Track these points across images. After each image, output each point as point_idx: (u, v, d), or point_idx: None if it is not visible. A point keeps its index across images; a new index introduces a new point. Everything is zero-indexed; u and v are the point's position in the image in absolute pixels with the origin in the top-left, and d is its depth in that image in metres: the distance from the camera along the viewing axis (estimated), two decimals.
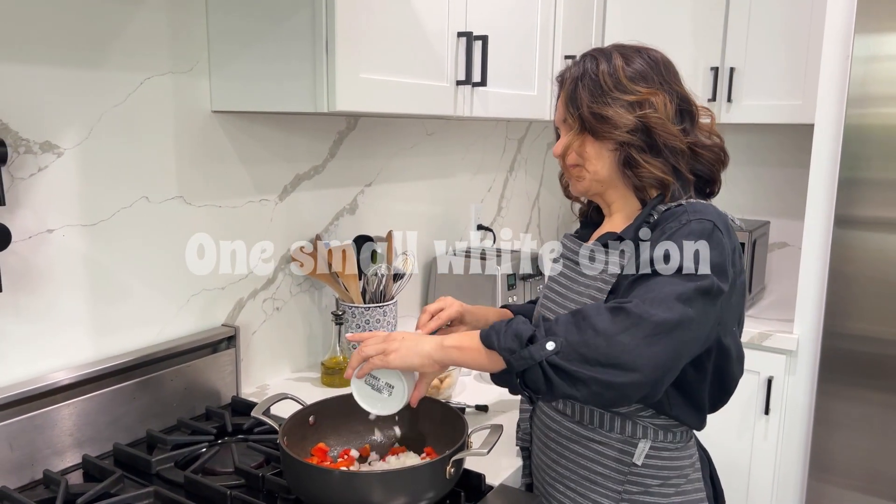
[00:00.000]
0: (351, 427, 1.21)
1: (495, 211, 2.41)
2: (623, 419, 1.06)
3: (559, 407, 1.13)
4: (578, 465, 1.10)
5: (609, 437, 1.07)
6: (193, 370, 1.39)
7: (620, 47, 1.09)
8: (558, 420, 1.13)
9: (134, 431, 1.29)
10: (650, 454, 1.06)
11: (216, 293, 1.47)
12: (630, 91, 1.03)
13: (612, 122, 1.02)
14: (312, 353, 1.72)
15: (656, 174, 1.03)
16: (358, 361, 1.05)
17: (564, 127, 1.11)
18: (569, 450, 1.11)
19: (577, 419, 1.10)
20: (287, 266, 1.62)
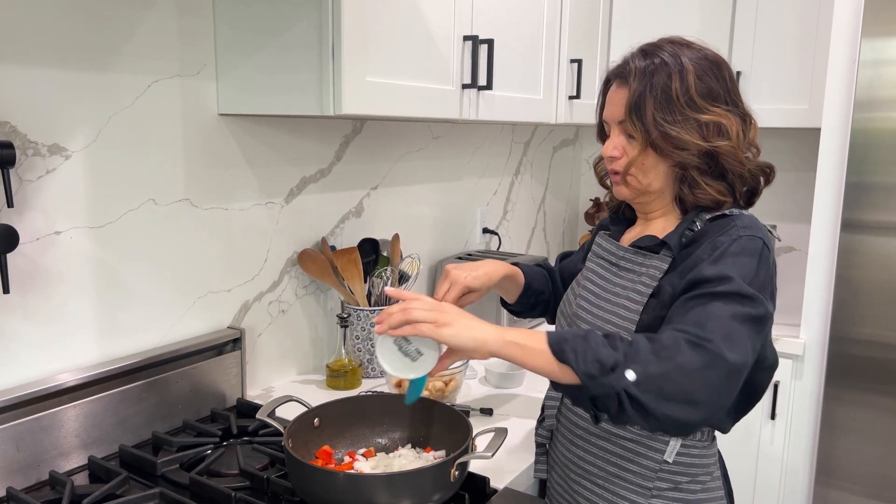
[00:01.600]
0: (356, 430, 1.21)
1: (501, 214, 2.41)
2: None
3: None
4: (608, 461, 1.09)
5: (640, 436, 1.07)
6: (199, 372, 1.40)
7: (686, 51, 1.03)
8: (587, 417, 1.12)
9: (140, 433, 1.29)
10: (680, 451, 1.06)
11: (222, 295, 1.47)
12: (702, 110, 1.00)
13: (680, 145, 1.00)
14: (318, 356, 1.73)
15: (714, 196, 1.03)
16: (400, 321, 0.97)
17: (619, 128, 1.06)
18: (597, 447, 1.11)
19: (606, 418, 1.10)
20: (293, 269, 1.62)
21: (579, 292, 1.15)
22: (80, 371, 1.21)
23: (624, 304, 1.05)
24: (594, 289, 1.12)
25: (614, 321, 1.05)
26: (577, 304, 1.14)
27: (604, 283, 1.11)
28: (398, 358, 1.02)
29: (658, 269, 1.04)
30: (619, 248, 1.11)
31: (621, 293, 1.07)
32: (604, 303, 1.09)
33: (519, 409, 1.49)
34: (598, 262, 1.14)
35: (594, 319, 1.09)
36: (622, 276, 1.09)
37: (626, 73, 1.04)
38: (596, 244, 1.17)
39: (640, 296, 1.04)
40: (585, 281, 1.15)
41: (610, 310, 1.07)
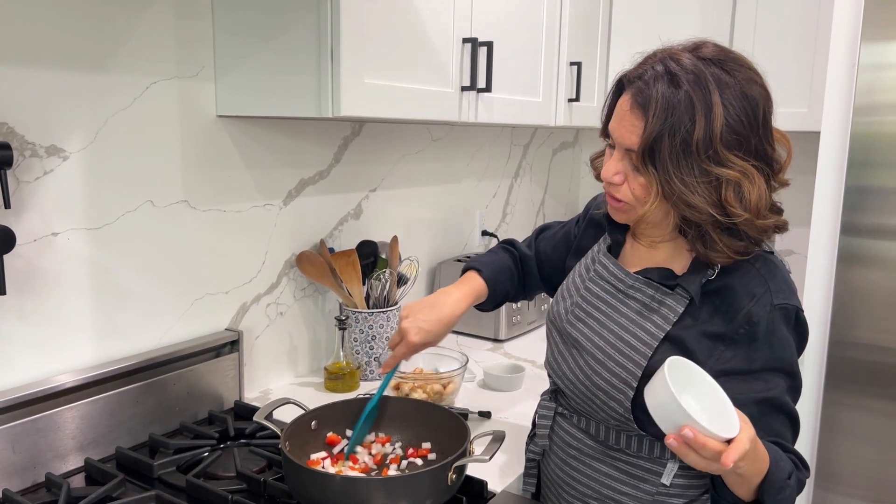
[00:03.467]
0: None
1: (500, 217, 2.41)
2: (651, 441, 1.03)
3: (581, 424, 1.10)
4: (602, 483, 1.06)
5: (638, 457, 1.04)
6: (196, 374, 1.39)
7: (723, 80, 0.89)
8: (580, 438, 1.10)
9: (136, 435, 1.29)
10: (679, 473, 1.02)
11: (220, 297, 1.47)
12: (724, 163, 0.89)
13: (693, 206, 0.90)
14: (316, 358, 1.72)
15: (730, 256, 0.94)
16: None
17: (624, 152, 0.96)
18: (591, 468, 1.08)
19: (602, 439, 1.07)
20: (291, 271, 1.62)
21: (577, 313, 1.09)
22: (76, 373, 1.20)
23: (631, 343, 1.00)
24: (598, 315, 1.06)
25: (619, 359, 1.01)
26: (576, 325, 1.08)
27: (609, 312, 1.05)
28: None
29: (673, 311, 0.98)
30: (627, 275, 1.04)
31: (628, 326, 1.02)
32: (608, 333, 1.03)
33: (518, 413, 1.49)
34: (603, 285, 1.07)
35: (596, 350, 1.04)
36: (630, 305, 1.03)
37: (646, 99, 0.90)
38: (601, 265, 1.10)
39: (650, 337, 0.99)
40: (587, 304, 1.08)
41: (615, 344, 1.02)
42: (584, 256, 1.18)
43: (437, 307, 1.19)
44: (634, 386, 0.99)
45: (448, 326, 1.19)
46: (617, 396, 1.01)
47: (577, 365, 1.07)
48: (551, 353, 1.16)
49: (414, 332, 1.16)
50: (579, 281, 1.14)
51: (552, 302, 1.20)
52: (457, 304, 1.21)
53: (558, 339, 1.14)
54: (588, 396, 1.05)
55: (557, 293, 1.20)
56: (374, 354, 1.64)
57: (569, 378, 1.09)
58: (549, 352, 1.18)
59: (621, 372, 1.00)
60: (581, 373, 1.06)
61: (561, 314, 1.14)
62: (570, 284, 1.16)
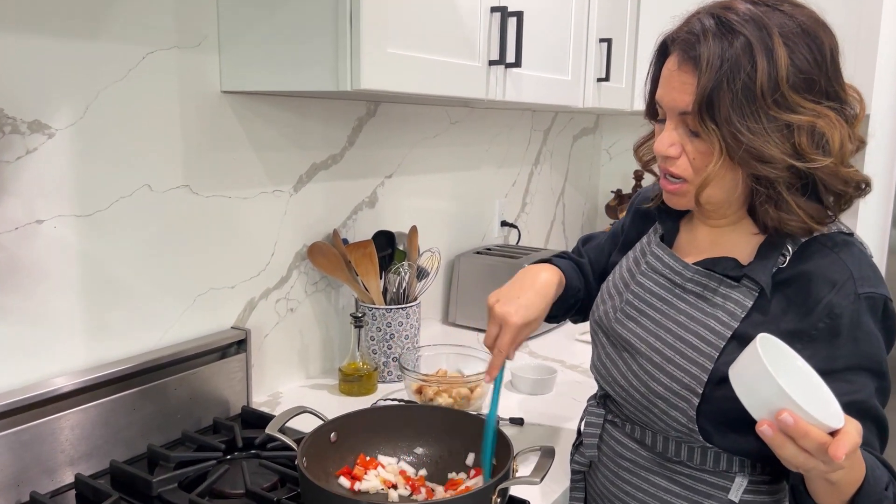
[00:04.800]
0: (377, 444, 1.07)
1: (519, 207, 2.27)
2: (717, 453, 0.90)
3: (634, 434, 0.98)
4: (659, 499, 0.95)
5: (703, 471, 0.92)
6: (200, 377, 1.26)
7: (774, 17, 0.80)
8: (633, 448, 0.98)
9: (134, 446, 1.16)
10: (748, 489, 0.90)
11: (225, 293, 1.33)
12: (795, 108, 0.78)
13: (764, 157, 0.79)
14: (328, 358, 1.59)
15: (806, 223, 0.82)
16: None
17: (678, 120, 0.85)
18: (648, 482, 0.96)
19: (660, 451, 0.95)
20: (302, 263, 1.48)
21: (628, 311, 0.97)
22: (65, 378, 1.07)
23: (694, 344, 0.88)
24: (652, 314, 0.94)
25: (680, 362, 0.89)
26: (627, 325, 0.96)
27: (666, 309, 0.93)
28: None
29: (741, 305, 0.87)
30: (686, 267, 0.92)
31: (689, 325, 0.89)
32: (666, 334, 0.91)
33: (552, 418, 1.35)
34: (657, 279, 0.95)
35: (652, 353, 0.92)
36: (689, 301, 0.91)
37: (696, 56, 0.81)
38: (654, 256, 0.97)
39: (715, 336, 0.87)
40: (639, 301, 0.96)
41: (674, 345, 0.90)
42: (632, 250, 1.05)
43: (529, 283, 1.05)
44: (700, 392, 0.87)
45: (546, 301, 1.05)
46: (679, 405, 0.88)
47: (631, 370, 0.95)
48: (598, 356, 1.03)
49: (513, 313, 1.01)
50: (628, 276, 1.01)
51: (595, 303, 1.07)
52: (548, 280, 1.07)
53: (605, 342, 1.01)
54: (644, 405, 0.93)
55: (600, 293, 1.07)
56: (393, 354, 1.50)
57: (620, 385, 0.97)
58: (595, 355, 1.05)
59: (683, 377, 0.88)
60: (636, 379, 0.94)
61: (608, 314, 1.01)
62: (617, 281, 1.03)
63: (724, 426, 0.88)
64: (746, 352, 0.76)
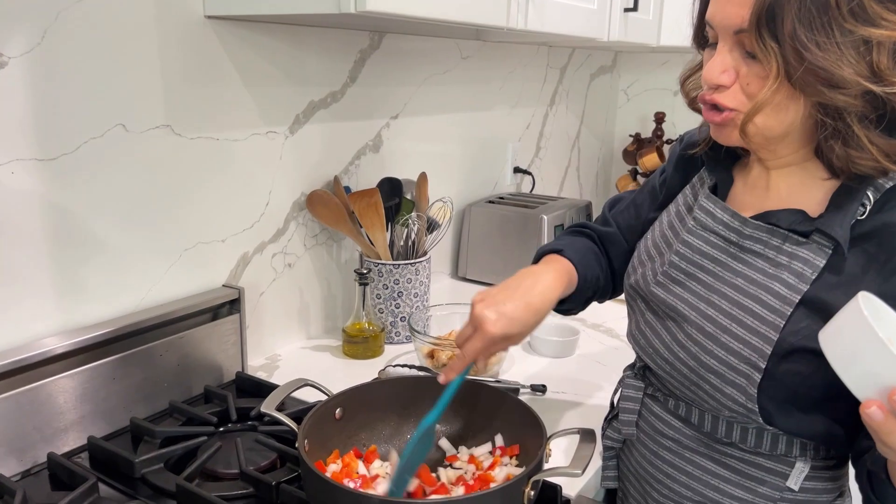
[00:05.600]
0: (388, 421, 0.95)
1: (533, 152, 2.11)
2: (775, 435, 0.79)
3: (679, 411, 0.86)
4: (705, 483, 0.84)
5: (757, 454, 0.81)
6: (188, 341, 1.13)
7: None
8: (677, 426, 0.86)
9: (115, 420, 1.04)
10: (810, 475, 0.80)
11: (215, 247, 1.20)
12: (874, 21, 0.65)
13: (835, 81, 0.66)
14: (331, 318, 1.46)
15: (879, 161, 0.70)
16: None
17: (733, 41, 0.71)
18: (692, 464, 0.85)
19: (708, 430, 0.83)
20: (301, 214, 1.34)
21: (672, 274, 0.83)
22: (35, 345, 0.94)
23: (755, 311, 0.75)
24: (704, 277, 0.81)
25: (739, 332, 0.76)
26: (672, 290, 0.83)
27: (719, 271, 0.80)
28: None
29: (810, 265, 0.74)
30: (744, 222, 0.79)
31: (749, 290, 0.76)
32: (720, 299, 0.78)
33: (577, 385, 1.23)
34: (708, 237, 0.82)
35: (704, 322, 0.79)
36: (748, 261, 0.78)
37: None
38: (704, 211, 0.83)
39: (781, 302, 0.74)
40: (686, 263, 0.82)
41: (731, 312, 0.77)
42: (673, 203, 0.91)
43: (524, 290, 0.88)
44: (762, 367, 0.74)
45: (539, 316, 0.88)
46: (737, 381, 0.76)
47: (677, 340, 0.82)
48: (636, 324, 0.90)
49: (493, 321, 0.84)
50: (670, 234, 0.87)
51: (629, 267, 0.94)
52: (549, 288, 0.90)
53: (644, 309, 0.88)
54: (692, 381, 0.81)
55: (636, 256, 0.93)
56: (401, 314, 1.37)
57: (663, 357, 0.84)
58: (633, 323, 0.92)
59: (742, 349, 0.76)
60: (682, 350, 0.81)
61: (646, 278, 0.87)
62: (658, 240, 0.89)
63: (788, 405, 0.76)
64: (845, 314, 0.64)
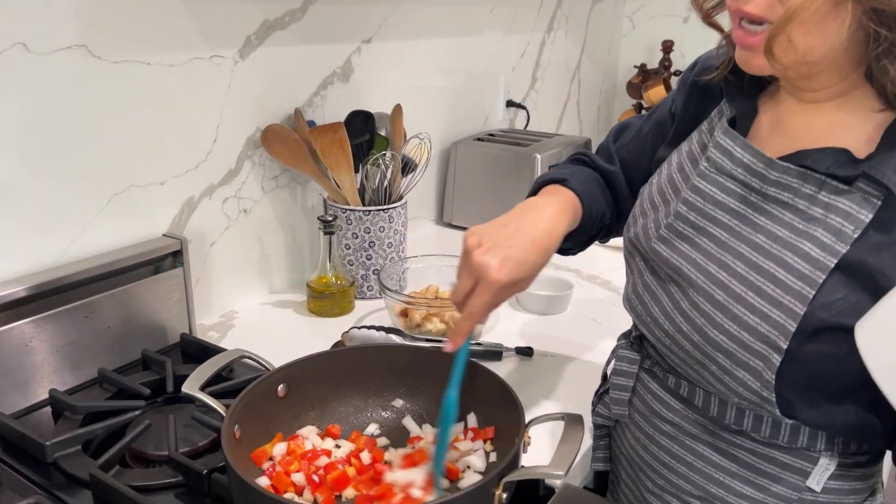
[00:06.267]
0: (345, 398, 0.81)
1: (529, 83, 1.92)
2: (795, 426, 0.65)
3: (680, 390, 0.72)
4: (709, 477, 0.71)
5: (768, 446, 0.67)
6: (122, 299, 0.98)
7: None
8: (677, 408, 0.73)
9: (31, 393, 0.90)
10: (836, 473, 0.66)
11: (152, 191, 1.03)
12: None
13: None
14: (297, 269, 1.31)
15: None
16: None
17: None
18: (694, 453, 0.72)
19: (714, 414, 0.69)
20: (256, 152, 1.17)
21: (678, 227, 0.68)
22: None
23: (778, 276, 0.60)
24: (715, 231, 0.65)
25: (757, 303, 0.61)
26: (677, 247, 0.68)
27: (735, 224, 0.64)
28: None
29: (853, 219, 0.58)
30: (769, 164, 0.62)
31: (772, 249, 0.61)
32: (735, 260, 0.63)
33: (568, 346, 1.09)
34: (723, 181, 0.66)
35: (713, 288, 0.63)
36: (773, 213, 0.62)
37: None
38: (721, 150, 0.66)
39: (812, 266, 0.59)
40: (695, 214, 0.67)
41: (746, 277, 0.62)
42: (685, 141, 0.74)
43: (527, 228, 0.73)
44: (783, 348, 0.60)
45: (546, 256, 0.74)
46: (751, 363, 0.62)
47: (679, 308, 0.67)
48: (633, 286, 0.75)
49: (498, 267, 0.69)
50: (679, 179, 0.71)
51: (631, 217, 0.78)
52: (554, 224, 0.75)
53: (643, 268, 0.73)
54: (696, 358, 0.67)
55: (638, 203, 0.77)
56: (373, 266, 1.22)
57: (663, 328, 0.70)
58: (629, 284, 0.77)
59: (759, 324, 0.61)
60: (686, 322, 0.67)
61: (648, 231, 0.72)
62: (664, 185, 0.73)
63: (814, 394, 0.63)
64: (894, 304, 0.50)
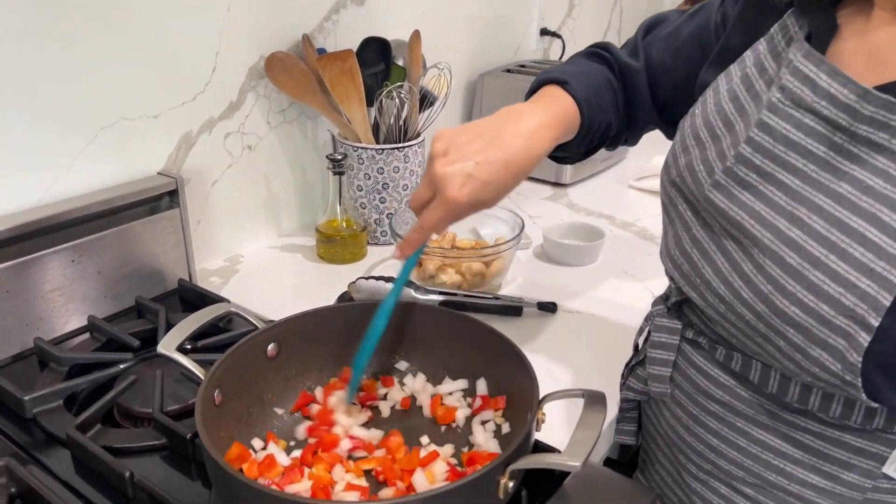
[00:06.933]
0: (341, 360, 0.74)
1: (565, 10, 1.77)
2: (871, 407, 0.56)
3: (732, 364, 0.63)
4: (767, 464, 0.62)
5: (838, 430, 0.58)
6: (114, 242, 0.91)
7: None
8: (728, 385, 0.64)
9: (14, 342, 0.84)
10: None
11: (145, 124, 0.95)
12: None
13: None
14: (309, 211, 1.23)
15: None
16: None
17: None
18: (748, 436, 0.63)
19: (772, 391, 0.60)
20: (260, 83, 1.08)
21: (740, 172, 0.56)
22: None
23: (866, 234, 0.49)
24: (788, 178, 0.53)
25: (840, 269, 0.50)
26: (738, 196, 0.56)
27: (813, 171, 0.52)
28: None
29: None
30: (863, 96, 0.50)
31: (860, 203, 0.50)
32: (811, 215, 0.51)
33: (596, 303, 1.00)
34: (801, 117, 0.53)
35: (785, 249, 0.52)
36: (862, 158, 0.50)
37: None
38: (798, 75, 0.53)
39: None
40: (761, 155, 0.55)
41: (826, 235, 0.51)
42: (739, 63, 0.62)
43: (503, 142, 0.63)
44: (874, 325, 0.49)
45: (519, 178, 0.64)
46: (831, 341, 0.52)
47: (740, 272, 0.57)
48: (675, 239, 0.65)
49: (459, 185, 0.61)
50: (733, 110, 0.59)
51: (670, 157, 0.66)
52: (537, 141, 0.65)
53: (692, 220, 0.62)
54: (760, 332, 0.57)
55: (681, 137, 0.65)
56: (387, 210, 1.13)
57: (717, 293, 0.59)
58: (670, 237, 0.66)
59: (843, 295, 0.50)
60: (748, 288, 0.56)
61: (698, 175, 0.60)
62: (713, 116, 0.61)
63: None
64: None
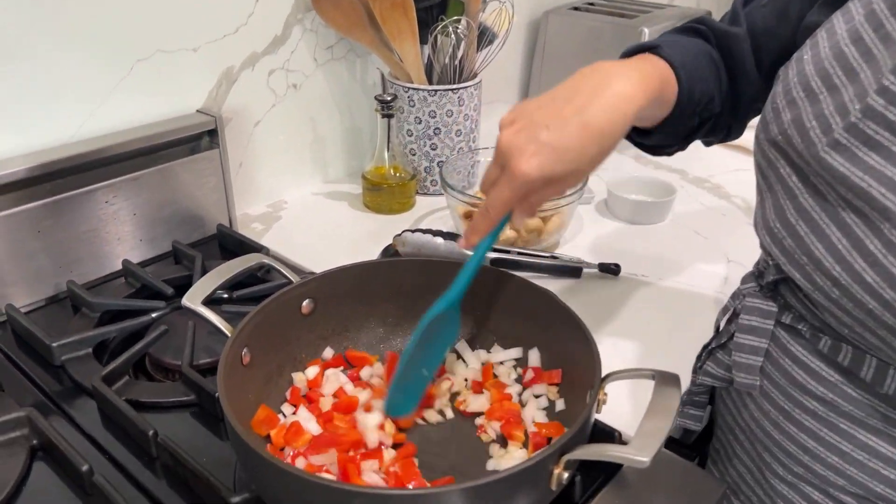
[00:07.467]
0: (386, 318, 0.68)
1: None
2: None
3: (839, 357, 0.54)
4: (875, 473, 0.55)
5: None
6: (150, 183, 0.87)
7: None
8: (832, 381, 0.56)
9: (46, 285, 0.81)
10: None
11: (183, 58, 0.89)
12: None
13: None
14: (357, 156, 1.16)
15: None
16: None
17: None
18: (854, 441, 0.56)
19: (888, 391, 0.52)
20: (307, 16, 1.00)
21: (864, 129, 0.46)
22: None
23: None
24: None
25: None
26: (861, 161, 0.46)
27: None
28: None
29: None
30: None
31: None
32: None
33: (665, 267, 0.91)
34: None
35: None
36: None
37: None
38: None
39: None
40: (893, 111, 0.45)
41: None
42: (856, 1, 0.50)
43: (580, 102, 0.52)
44: None
45: (605, 142, 0.53)
46: None
47: (864, 251, 0.48)
48: (778, 209, 0.55)
49: (528, 155, 0.51)
50: (855, 54, 0.48)
51: (769, 111, 0.55)
52: (621, 97, 0.54)
53: (798, 185, 0.52)
54: (884, 322, 0.49)
55: (782, 91, 0.53)
56: (438, 158, 1.06)
57: (831, 275, 0.50)
58: (769, 206, 0.56)
59: None
60: (872, 270, 0.47)
61: (808, 133, 0.49)
62: (830, 63, 0.50)
63: None
64: None
